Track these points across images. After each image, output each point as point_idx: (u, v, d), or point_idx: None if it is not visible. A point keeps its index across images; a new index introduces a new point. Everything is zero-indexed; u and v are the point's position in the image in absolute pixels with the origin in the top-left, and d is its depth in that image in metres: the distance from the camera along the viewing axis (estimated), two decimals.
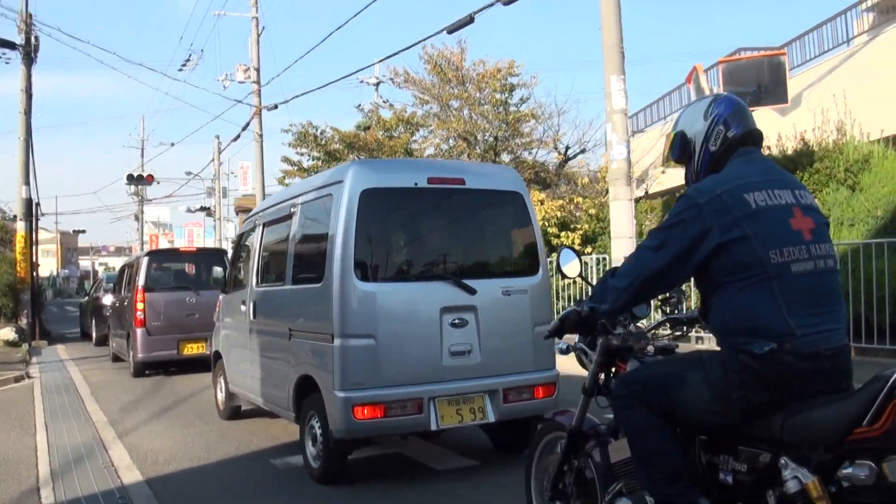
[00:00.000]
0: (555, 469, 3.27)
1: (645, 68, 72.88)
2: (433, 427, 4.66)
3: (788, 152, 10.01)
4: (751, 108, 8.37)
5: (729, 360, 2.34)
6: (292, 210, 5.42)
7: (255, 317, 5.87)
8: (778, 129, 10.50)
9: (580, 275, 3.09)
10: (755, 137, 2.57)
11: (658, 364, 2.70)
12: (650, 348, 2.99)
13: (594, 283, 2.72)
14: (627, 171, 10.59)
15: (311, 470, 4.89)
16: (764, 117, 9.37)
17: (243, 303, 6.12)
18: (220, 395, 6.91)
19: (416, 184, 4.83)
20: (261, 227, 6.10)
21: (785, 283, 2.26)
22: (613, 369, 3.01)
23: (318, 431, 4.77)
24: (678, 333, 3.17)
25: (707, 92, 9.79)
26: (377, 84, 27.90)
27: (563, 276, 3.09)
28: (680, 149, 2.64)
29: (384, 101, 21.82)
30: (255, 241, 6.14)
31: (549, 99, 32.41)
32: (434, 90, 17.93)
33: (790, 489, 2.14)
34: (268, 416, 6.38)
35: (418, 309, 4.70)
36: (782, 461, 2.19)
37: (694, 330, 3.13)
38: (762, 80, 8.87)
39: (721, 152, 2.54)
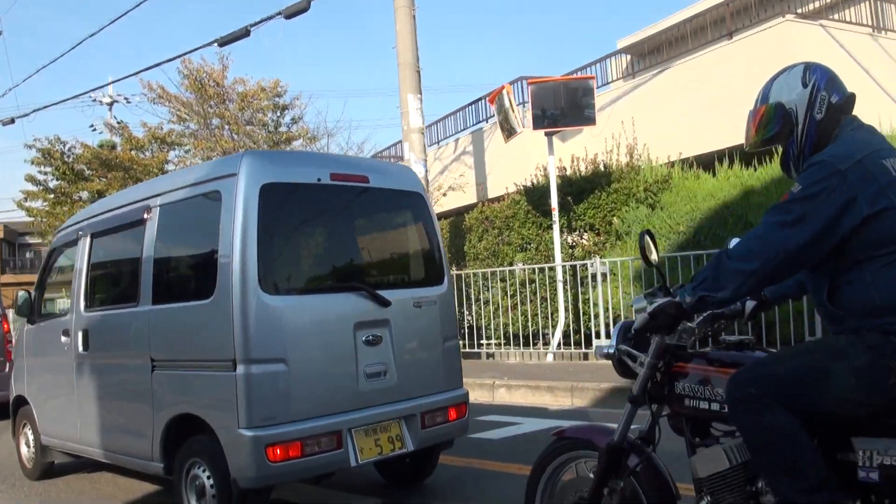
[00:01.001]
0: (583, 495, 2.85)
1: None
2: (353, 463, 3.98)
3: (583, 173, 10.47)
4: (557, 129, 8.55)
5: (879, 344, 2.08)
6: (146, 215, 4.42)
7: (86, 349, 4.71)
8: (570, 152, 10.98)
9: (656, 261, 2.70)
10: (852, 104, 2.38)
11: (781, 358, 2.37)
12: (721, 342, 2.69)
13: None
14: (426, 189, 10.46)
15: None
16: (553, 141, 9.73)
17: (64, 333, 4.90)
18: (26, 451, 5.45)
19: (318, 179, 4.15)
20: (87, 239, 4.93)
21: None
22: (661, 373, 2.68)
23: (209, 483, 3.86)
24: (716, 328, 2.89)
25: (514, 112, 9.95)
26: (111, 103, 25.68)
27: (648, 264, 2.68)
28: (780, 121, 2.37)
29: (118, 122, 19.91)
30: (78, 256, 4.95)
31: (319, 120, 31.82)
32: (193, 107, 16.63)
33: None
34: (90, 468, 5.17)
35: (331, 325, 4.01)
36: None
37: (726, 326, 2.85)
38: (569, 102, 9.16)
39: (826, 120, 2.32)
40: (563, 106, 9.35)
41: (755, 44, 11.02)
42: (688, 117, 11.40)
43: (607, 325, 8.50)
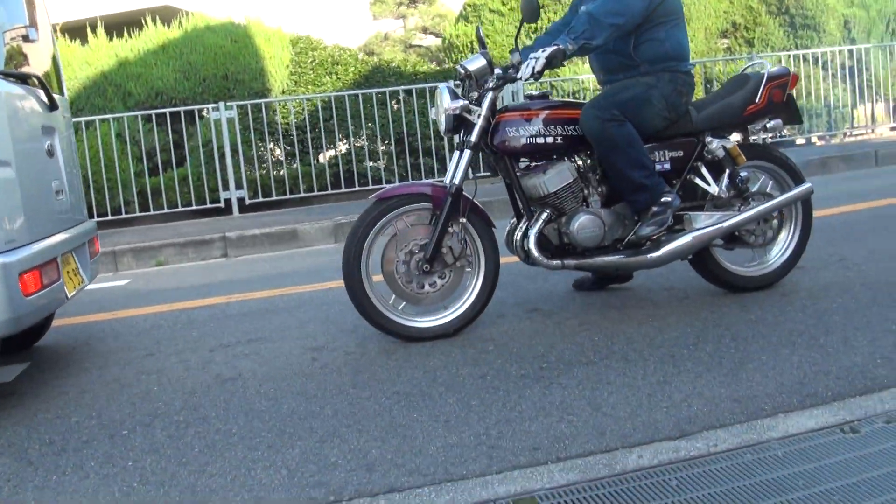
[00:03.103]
0: (413, 247, 3.36)
1: None
2: (66, 297, 3.24)
3: None
4: None
5: (672, 79, 3.47)
6: None
7: None
8: None
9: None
10: None
11: (622, 90, 3.43)
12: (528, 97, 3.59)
13: None
14: None
15: None
16: None
17: None
18: None
19: None
20: None
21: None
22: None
23: None
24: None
25: None
26: None
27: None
28: None
29: None
30: None
31: None
32: None
33: (718, 154, 3.55)
34: None
35: (28, 123, 3.11)
36: (708, 138, 3.56)
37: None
38: None
39: None
40: None
41: None
42: None
43: None
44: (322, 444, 2.40)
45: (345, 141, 9.57)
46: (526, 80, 3.25)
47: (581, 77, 9.66)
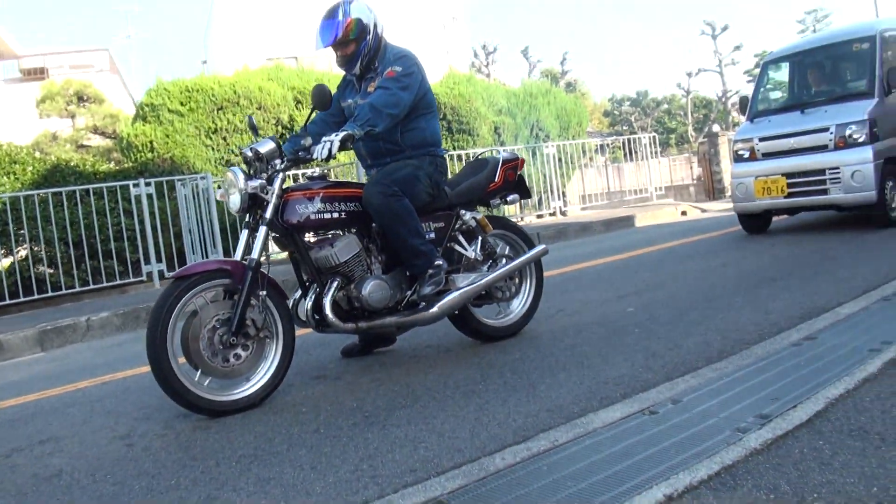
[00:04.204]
0: (220, 316, 3.48)
1: None
2: None
3: None
4: None
5: (432, 161, 4.08)
6: None
7: None
8: None
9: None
10: None
11: (399, 169, 3.88)
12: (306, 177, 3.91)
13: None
14: None
15: None
16: None
17: None
18: None
19: None
20: None
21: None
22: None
23: None
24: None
25: None
26: None
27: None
28: (360, 30, 3.91)
29: None
30: None
31: None
32: None
33: (471, 224, 4.22)
34: None
35: None
36: (461, 211, 4.21)
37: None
38: None
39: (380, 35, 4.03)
40: None
41: None
42: None
43: None
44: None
45: (24, 246, 8.86)
46: (323, 160, 3.59)
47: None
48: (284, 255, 4.20)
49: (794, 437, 2.37)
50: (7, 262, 8.79)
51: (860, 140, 6.88)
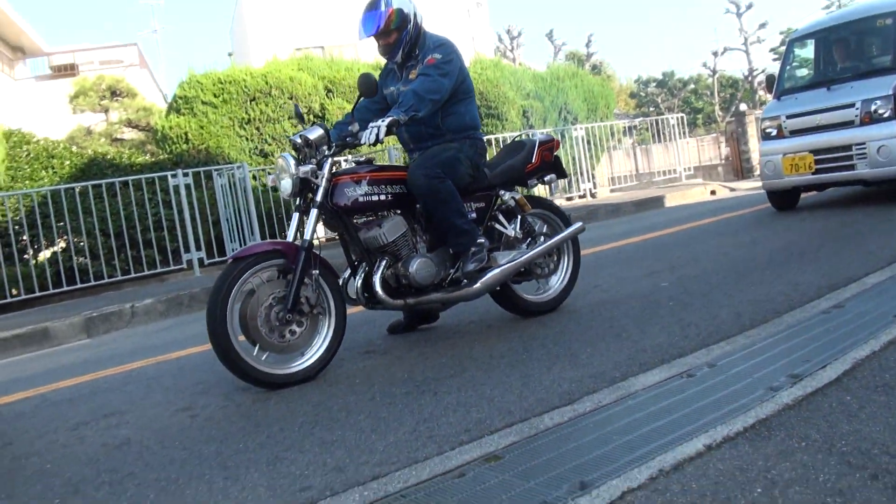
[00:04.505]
0: (276, 294, 3.69)
1: None
2: None
3: None
4: None
5: (472, 144, 4.26)
6: None
7: None
8: None
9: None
10: None
11: (442, 152, 4.07)
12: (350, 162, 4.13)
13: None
14: None
15: None
16: None
17: None
18: None
19: None
20: None
21: None
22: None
23: None
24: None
25: None
26: None
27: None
28: (401, 19, 4.10)
29: None
30: None
31: None
32: None
33: (510, 204, 4.40)
34: None
35: None
36: (501, 192, 4.39)
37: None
38: None
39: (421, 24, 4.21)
40: None
41: None
42: None
43: None
44: (279, 463, 2.65)
45: (64, 237, 9.17)
46: (370, 144, 3.79)
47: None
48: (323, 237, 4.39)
49: (824, 393, 2.54)
50: (49, 252, 9.11)
51: (885, 115, 6.95)
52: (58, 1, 77.41)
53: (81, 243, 9.04)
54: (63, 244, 9.22)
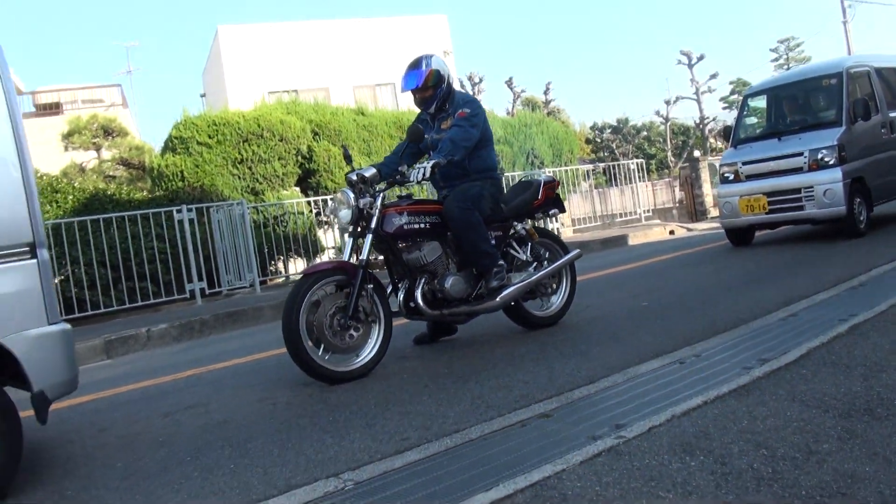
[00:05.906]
0: (339, 304, 4.46)
1: None
2: None
3: None
4: None
5: (492, 183, 5.12)
6: None
7: None
8: None
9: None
10: None
11: (470, 189, 4.90)
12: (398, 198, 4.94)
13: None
14: None
15: None
16: None
17: None
18: None
19: None
20: None
21: None
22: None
23: None
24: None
25: None
26: None
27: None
28: (438, 79, 4.97)
29: None
30: None
31: None
32: None
33: (522, 233, 5.25)
34: None
35: None
36: (514, 223, 5.25)
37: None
38: None
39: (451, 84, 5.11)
40: None
41: None
42: None
43: None
44: (371, 427, 3.41)
45: (65, 269, 9.70)
46: (418, 182, 4.62)
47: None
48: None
49: (787, 369, 3.41)
50: (56, 280, 9.62)
51: (831, 163, 8.04)
52: (33, 41, 77.25)
53: (85, 273, 9.55)
54: (64, 276, 9.75)
